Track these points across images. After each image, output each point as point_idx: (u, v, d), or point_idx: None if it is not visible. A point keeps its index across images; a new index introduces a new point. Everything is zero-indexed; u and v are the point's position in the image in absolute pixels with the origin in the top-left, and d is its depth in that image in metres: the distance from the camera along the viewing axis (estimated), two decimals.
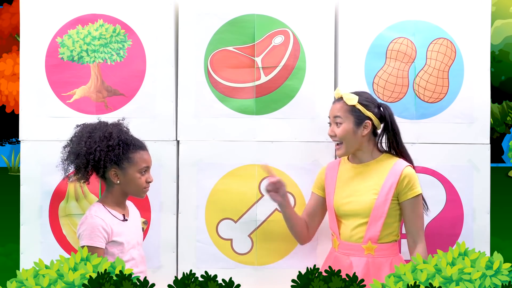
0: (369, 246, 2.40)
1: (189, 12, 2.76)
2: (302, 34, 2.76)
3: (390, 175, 2.42)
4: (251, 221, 2.73)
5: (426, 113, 2.76)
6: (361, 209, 2.41)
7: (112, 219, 2.33)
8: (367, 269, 2.38)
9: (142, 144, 2.42)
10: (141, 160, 2.37)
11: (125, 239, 2.34)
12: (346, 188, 2.47)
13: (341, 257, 2.45)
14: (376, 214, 2.39)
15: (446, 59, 2.76)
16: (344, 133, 2.44)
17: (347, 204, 2.44)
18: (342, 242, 2.46)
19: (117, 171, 2.34)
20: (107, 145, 2.32)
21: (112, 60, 2.75)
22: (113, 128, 2.38)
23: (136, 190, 2.38)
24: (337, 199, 2.48)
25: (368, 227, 2.40)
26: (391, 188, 2.40)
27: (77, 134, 2.40)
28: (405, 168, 2.42)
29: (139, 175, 2.36)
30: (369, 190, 2.42)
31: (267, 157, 2.74)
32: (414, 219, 2.42)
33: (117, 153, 2.32)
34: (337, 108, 2.46)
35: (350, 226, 2.43)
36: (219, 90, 2.75)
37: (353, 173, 2.49)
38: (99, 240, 2.27)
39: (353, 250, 2.42)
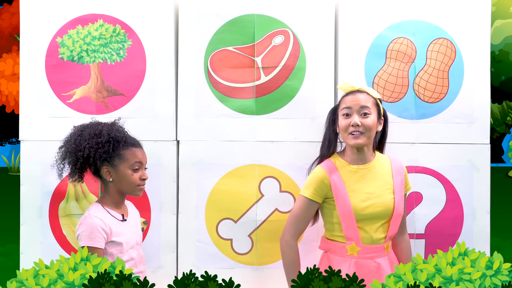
0: (388, 244, 2.45)
1: (189, 12, 2.76)
2: (302, 34, 2.76)
3: (395, 172, 2.46)
4: (251, 221, 2.73)
5: (426, 113, 2.76)
6: (384, 211, 2.41)
7: (111, 219, 2.33)
8: (391, 267, 2.41)
9: (135, 142, 2.41)
10: (132, 157, 2.36)
11: (124, 239, 2.34)
12: (361, 191, 2.42)
13: (364, 262, 2.39)
14: (397, 213, 2.43)
15: (446, 59, 2.76)
16: (372, 124, 2.40)
17: (367, 208, 2.39)
18: (364, 246, 2.39)
19: (109, 168, 2.35)
20: (97, 142, 2.32)
21: (112, 60, 2.75)
22: (104, 126, 2.39)
23: (130, 188, 2.37)
24: (356, 204, 2.39)
25: (391, 226, 2.43)
26: (401, 185, 2.47)
27: (69, 134, 2.42)
28: (403, 163, 2.53)
29: (131, 171, 2.36)
30: (384, 190, 2.43)
31: (267, 157, 2.74)
32: (405, 210, 2.56)
33: (107, 150, 2.32)
34: (363, 99, 2.42)
35: (373, 228, 2.41)
36: (219, 90, 2.75)
37: (360, 175, 2.45)
38: (99, 240, 2.27)
39: (376, 252, 2.41)
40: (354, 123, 2.39)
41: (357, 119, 2.39)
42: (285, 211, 2.73)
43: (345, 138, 2.44)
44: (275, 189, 2.74)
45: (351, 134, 2.40)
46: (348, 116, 2.42)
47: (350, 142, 2.42)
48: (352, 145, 2.42)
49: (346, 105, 2.43)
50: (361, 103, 2.40)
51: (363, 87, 2.47)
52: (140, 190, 2.40)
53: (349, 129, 2.40)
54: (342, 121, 2.43)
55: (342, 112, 2.44)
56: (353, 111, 2.41)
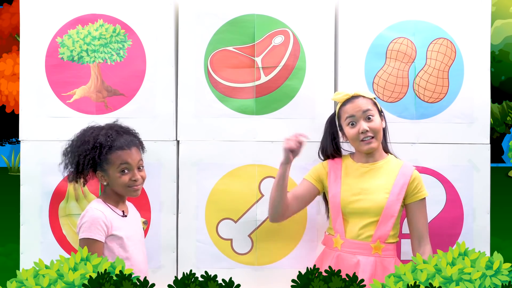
0: (378, 245, 2.40)
1: (189, 12, 2.76)
2: (302, 34, 2.76)
3: (400, 175, 2.45)
4: (251, 221, 2.73)
5: (426, 113, 2.76)
6: (373, 208, 2.40)
7: (112, 214, 2.35)
8: (374, 269, 2.38)
9: (123, 144, 2.37)
10: (118, 159, 2.35)
11: (125, 233, 2.35)
12: (354, 186, 2.45)
13: (346, 256, 2.43)
14: (388, 213, 2.40)
15: (446, 59, 2.76)
16: (378, 125, 2.44)
17: (356, 202, 2.43)
18: (347, 240, 2.43)
19: (102, 173, 2.37)
20: (84, 149, 2.35)
21: (112, 60, 2.75)
22: (94, 131, 2.40)
23: (123, 190, 2.38)
24: (345, 197, 2.45)
25: (379, 226, 2.40)
26: (402, 189, 2.42)
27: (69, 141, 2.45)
28: (415, 170, 2.48)
29: (119, 174, 2.36)
30: (380, 189, 2.42)
31: (267, 157, 2.74)
32: (422, 220, 2.46)
33: (93, 156, 2.34)
34: (363, 103, 2.44)
35: (359, 224, 2.42)
36: (219, 90, 2.75)
37: (361, 172, 2.48)
38: (99, 233, 2.27)
39: (360, 248, 2.41)
40: (363, 130, 2.41)
41: (365, 125, 2.42)
42: None
43: (357, 145, 2.47)
44: None
45: (362, 141, 2.43)
46: (354, 125, 2.44)
47: (364, 149, 2.44)
48: (366, 151, 2.45)
49: (349, 114, 2.45)
50: (363, 108, 2.43)
51: (357, 92, 2.48)
52: (134, 191, 2.39)
53: (359, 136, 2.43)
54: (350, 130, 2.45)
55: (346, 122, 2.46)
56: (357, 118, 2.43)
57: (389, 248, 2.43)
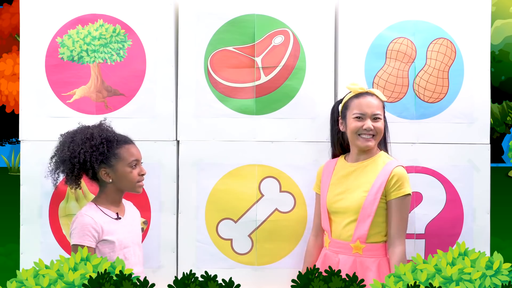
0: (357, 245, 2.39)
1: (189, 12, 2.76)
2: (302, 34, 2.76)
3: (381, 174, 2.41)
4: (251, 221, 2.73)
5: (426, 113, 2.76)
6: (351, 207, 2.41)
7: (103, 217, 2.33)
8: (353, 268, 2.36)
9: (127, 139, 2.41)
10: (128, 154, 2.37)
11: (117, 238, 2.34)
12: (340, 185, 2.47)
13: (330, 255, 2.46)
14: (365, 213, 2.38)
15: (446, 59, 2.76)
16: (383, 128, 2.47)
17: (338, 202, 2.45)
18: (332, 240, 2.46)
19: (107, 170, 2.35)
20: (90, 145, 2.33)
21: (112, 60, 2.75)
22: (94, 128, 2.39)
23: (130, 185, 2.38)
24: (330, 197, 2.48)
25: (357, 226, 2.39)
26: (380, 187, 2.39)
27: (60, 142, 2.41)
28: (396, 167, 2.41)
29: (130, 169, 2.36)
30: (360, 188, 2.42)
31: (267, 157, 2.74)
32: (397, 220, 2.36)
33: (102, 151, 2.33)
34: (375, 105, 2.44)
35: (341, 223, 2.43)
36: (219, 90, 2.75)
37: (348, 171, 2.49)
38: (88, 239, 2.27)
39: (341, 248, 2.42)
40: (368, 128, 2.42)
41: (370, 124, 2.42)
42: (285, 211, 2.73)
43: (354, 139, 2.46)
44: (275, 189, 2.75)
45: (361, 136, 2.43)
46: (360, 119, 2.44)
47: (361, 144, 2.44)
48: (363, 147, 2.44)
49: (360, 110, 2.44)
50: (374, 110, 2.44)
51: (372, 90, 2.49)
52: (140, 187, 2.41)
53: (360, 131, 2.43)
54: (353, 123, 2.45)
55: (353, 115, 2.45)
56: (365, 115, 2.44)
57: (372, 249, 2.39)
